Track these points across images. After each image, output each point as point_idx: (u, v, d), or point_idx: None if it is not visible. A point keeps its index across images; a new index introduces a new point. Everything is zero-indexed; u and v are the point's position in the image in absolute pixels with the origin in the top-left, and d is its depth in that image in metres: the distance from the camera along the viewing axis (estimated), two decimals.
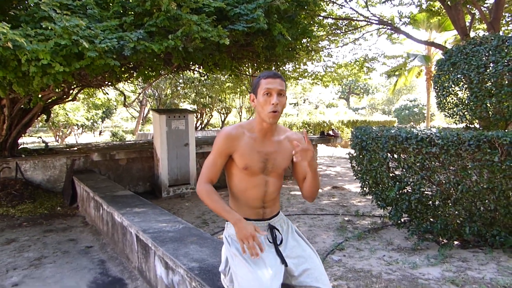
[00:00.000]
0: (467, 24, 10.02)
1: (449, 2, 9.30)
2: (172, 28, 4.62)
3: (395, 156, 4.49)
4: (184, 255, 2.81)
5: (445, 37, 17.65)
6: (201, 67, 7.80)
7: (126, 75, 7.92)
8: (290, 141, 2.04)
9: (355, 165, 5.18)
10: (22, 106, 7.29)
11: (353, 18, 12.78)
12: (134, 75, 8.29)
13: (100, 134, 23.92)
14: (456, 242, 4.46)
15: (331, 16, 12.52)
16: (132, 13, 5.09)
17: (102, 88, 9.45)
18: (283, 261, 1.98)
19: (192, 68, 8.65)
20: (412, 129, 4.36)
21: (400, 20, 13.31)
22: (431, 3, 12.08)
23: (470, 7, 10.38)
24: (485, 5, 10.13)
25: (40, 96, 5.68)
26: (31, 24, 4.35)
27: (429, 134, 4.08)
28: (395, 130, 4.45)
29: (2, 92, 4.79)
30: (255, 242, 1.83)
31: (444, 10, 12.57)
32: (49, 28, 3.98)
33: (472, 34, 10.67)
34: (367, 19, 12.29)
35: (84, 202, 6.08)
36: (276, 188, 2.12)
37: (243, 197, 2.07)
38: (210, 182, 2.03)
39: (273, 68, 8.65)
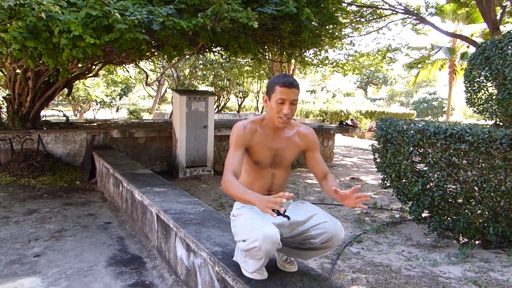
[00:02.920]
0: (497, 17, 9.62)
1: None
2: (202, 6, 4.54)
3: (421, 150, 4.38)
4: (207, 238, 2.80)
5: (473, 30, 17.14)
6: (226, 49, 7.71)
7: (148, 54, 7.89)
8: (335, 191, 2.00)
9: (377, 157, 5.08)
10: (46, 79, 7.33)
11: (378, 6, 12.47)
12: (156, 54, 8.26)
13: (117, 111, 24.12)
14: (477, 242, 4.37)
15: (356, 3, 12.23)
16: None
17: (124, 65, 9.45)
18: (286, 216, 2.08)
19: (215, 50, 8.56)
20: (441, 124, 4.24)
21: (427, 10, 12.95)
22: None
23: None
24: None
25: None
26: None
27: (459, 130, 3.96)
28: (422, 124, 4.34)
29: (32, 63, 4.81)
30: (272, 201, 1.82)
31: (473, 2, 12.16)
32: None
33: (501, 27, 10.29)
34: (392, 8, 11.97)
35: (103, 178, 6.14)
36: (283, 179, 2.28)
37: (250, 186, 2.19)
38: (234, 175, 2.06)
39: (297, 54, 8.50)
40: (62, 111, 10.63)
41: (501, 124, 4.86)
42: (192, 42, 6.26)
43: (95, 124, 9.06)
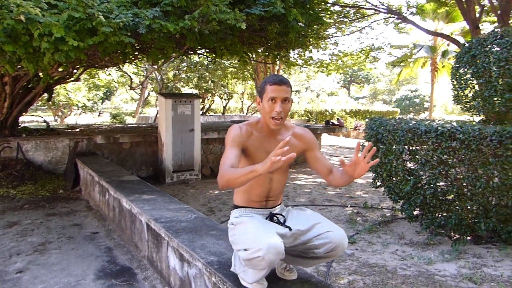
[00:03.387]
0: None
1: None
2: (188, 8, 4.42)
3: (412, 149, 4.37)
4: (201, 247, 2.70)
5: (452, 28, 17.44)
6: (212, 51, 7.59)
7: (131, 57, 7.72)
8: (341, 162, 1.93)
9: None
10: (24, 84, 7.09)
11: (361, 6, 12.53)
12: (139, 57, 8.08)
13: (99, 115, 23.68)
14: (468, 238, 4.39)
15: (339, 4, 12.27)
16: None
17: (106, 69, 9.23)
18: (287, 227, 2.06)
19: (200, 52, 8.43)
20: (431, 122, 4.24)
21: (408, 10, 13.08)
22: None
23: None
24: None
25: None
26: None
27: (449, 128, 3.96)
28: (413, 123, 4.33)
29: (11, 68, 4.58)
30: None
31: (452, 1, 12.34)
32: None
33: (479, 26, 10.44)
34: (375, 8, 12.04)
35: (87, 186, 5.96)
36: (281, 185, 2.22)
37: (247, 193, 2.16)
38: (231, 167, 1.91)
39: (284, 55, 8.44)
40: (42, 117, 10.33)
41: (487, 120, 4.90)
42: (178, 45, 6.13)
43: (78, 130, 8.82)
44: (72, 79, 8.36)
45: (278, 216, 2.17)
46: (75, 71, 8.03)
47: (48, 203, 5.71)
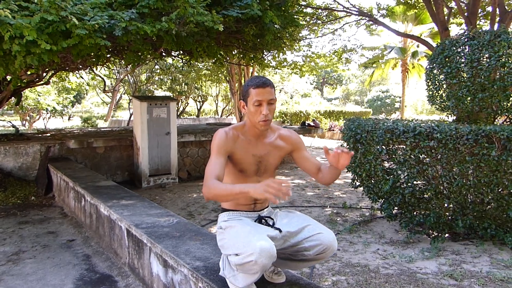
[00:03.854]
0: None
1: None
2: (165, 10, 4.33)
3: (390, 149, 4.44)
4: (185, 252, 2.64)
5: (421, 30, 17.96)
6: (188, 53, 7.48)
7: (104, 60, 7.52)
8: (325, 150, 1.96)
9: None
10: None
11: (333, 8, 12.71)
12: (112, 60, 7.89)
13: (69, 119, 23.00)
14: (446, 235, 4.50)
15: (311, 6, 12.40)
16: None
17: (77, 72, 8.96)
18: (277, 229, 2.04)
19: (176, 54, 8.31)
20: (409, 122, 4.32)
21: (378, 12, 13.37)
22: None
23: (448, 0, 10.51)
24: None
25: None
26: None
27: (427, 127, 4.04)
28: (391, 123, 4.41)
29: None
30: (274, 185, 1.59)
31: (421, 3, 12.70)
32: (35, 1, 3.62)
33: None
34: (346, 10, 12.24)
35: (61, 192, 5.75)
36: None
37: None
38: (217, 179, 1.89)
39: (260, 57, 8.44)
40: (10, 122, 9.92)
41: (459, 120, 5.04)
42: (153, 47, 6.01)
43: (49, 134, 8.52)
44: (41, 82, 8.07)
45: (266, 218, 2.15)
46: (44, 74, 7.75)
47: (20, 210, 5.48)
